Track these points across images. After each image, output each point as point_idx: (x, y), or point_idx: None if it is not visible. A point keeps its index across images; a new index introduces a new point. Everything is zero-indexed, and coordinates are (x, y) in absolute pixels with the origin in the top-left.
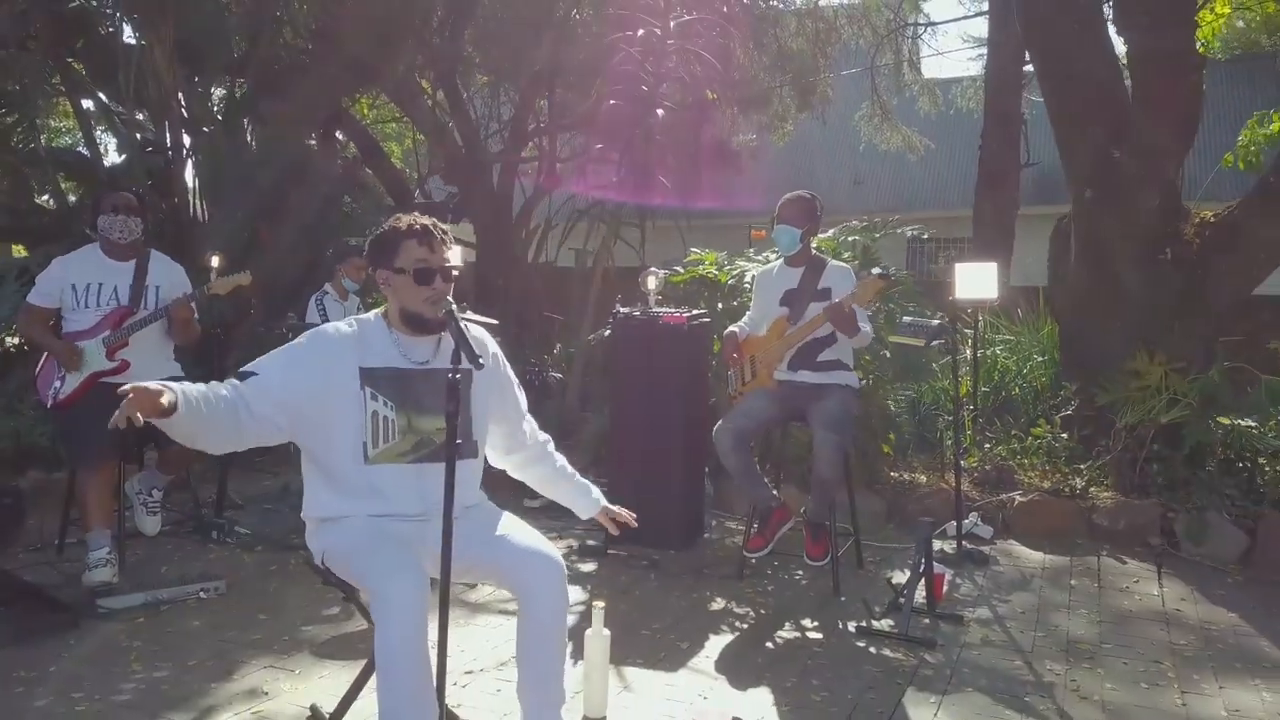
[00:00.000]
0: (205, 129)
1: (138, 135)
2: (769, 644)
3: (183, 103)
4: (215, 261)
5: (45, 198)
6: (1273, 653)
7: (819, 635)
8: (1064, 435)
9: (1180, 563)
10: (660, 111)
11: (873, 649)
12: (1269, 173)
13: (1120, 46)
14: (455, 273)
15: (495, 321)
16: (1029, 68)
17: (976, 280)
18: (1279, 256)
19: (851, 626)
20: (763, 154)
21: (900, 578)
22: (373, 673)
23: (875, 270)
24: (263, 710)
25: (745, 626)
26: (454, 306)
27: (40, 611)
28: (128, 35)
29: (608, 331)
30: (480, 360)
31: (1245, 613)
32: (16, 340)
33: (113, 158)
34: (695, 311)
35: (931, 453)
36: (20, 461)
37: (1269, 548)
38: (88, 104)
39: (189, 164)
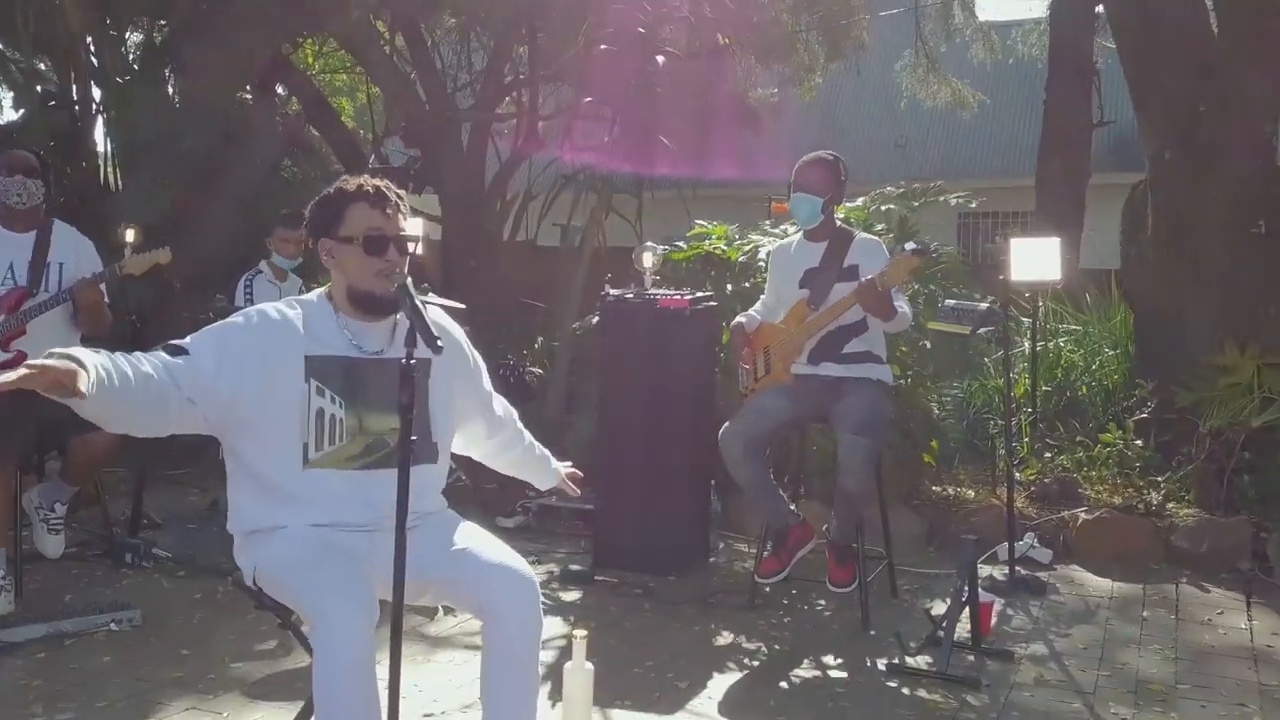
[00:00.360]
0: (119, 80)
1: (38, 88)
2: (783, 684)
3: (92, 49)
4: (130, 236)
5: None
6: None
7: (843, 674)
8: (1138, 442)
9: (1274, 591)
10: (661, 59)
11: (906, 690)
12: None
13: None
14: (412, 245)
15: (462, 306)
16: (1101, 7)
17: (1036, 259)
18: None
19: (881, 664)
20: (786, 111)
21: (940, 608)
22: (311, 714)
23: (910, 245)
24: None
25: (756, 664)
26: (408, 280)
27: None
28: None
29: (596, 319)
30: (439, 343)
31: None
32: None
33: (8, 115)
34: (699, 294)
35: (982, 463)
36: None
37: None
38: None
39: (100, 122)
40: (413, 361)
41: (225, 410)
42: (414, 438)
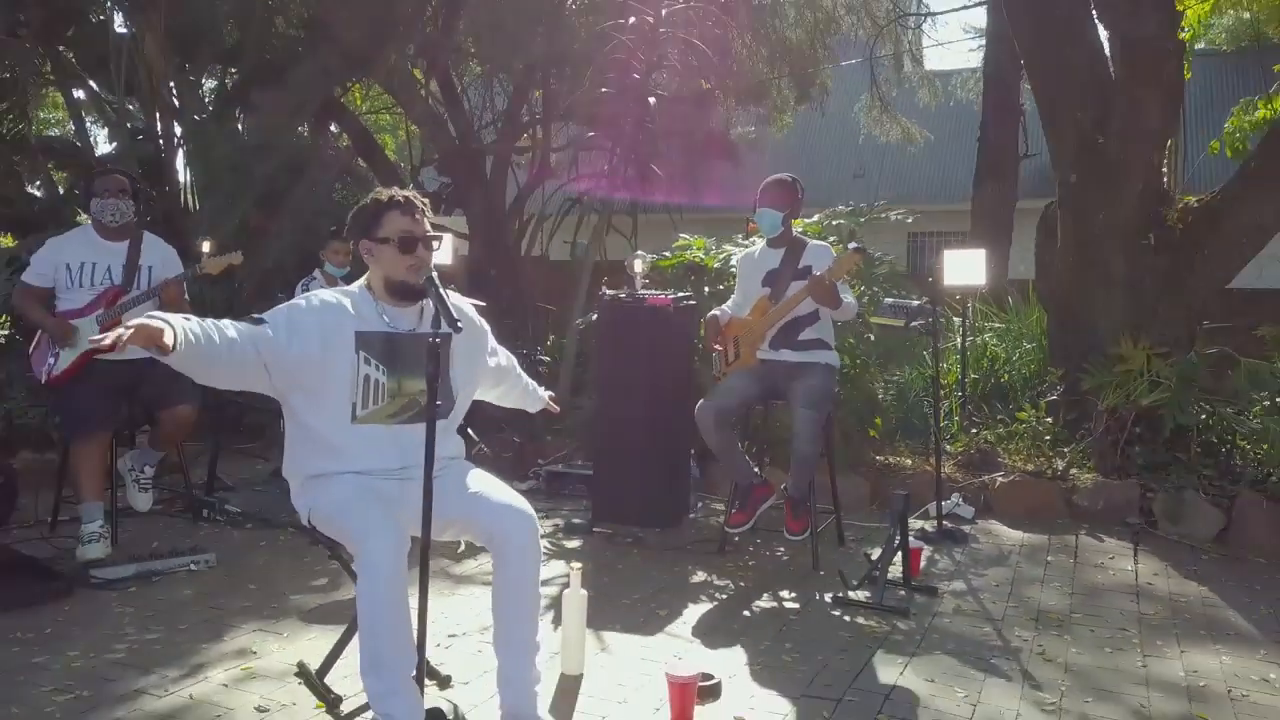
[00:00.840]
0: (196, 117)
1: (128, 124)
2: (746, 612)
3: (174, 92)
4: (207, 247)
5: (35, 186)
6: (1237, 622)
7: (795, 605)
8: (1049, 419)
9: (1157, 541)
10: (652, 100)
11: (847, 617)
12: (1250, 158)
13: (1104, 32)
14: (436, 244)
15: (483, 303)
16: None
17: (965, 267)
18: (1260, 241)
19: (828, 598)
20: (762, 146)
21: (878, 553)
22: (356, 631)
23: (852, 245)
24: (251, 667)
25: (724, 597)
26: (434, 273)
27: (35, 580)
28: (119, 24)
29: (595, 315)
30: (459, 324)
31: (1215, 586)
32: (5, 331)
33: (103, 147)
34: (681, 294)
35: (918, 438)
36: (12, 443)
37: (1244, 526)
38: (78, 93)
39: (180, 154)
40: (438, 339)
41: (290, 374)
42: (439, 402)
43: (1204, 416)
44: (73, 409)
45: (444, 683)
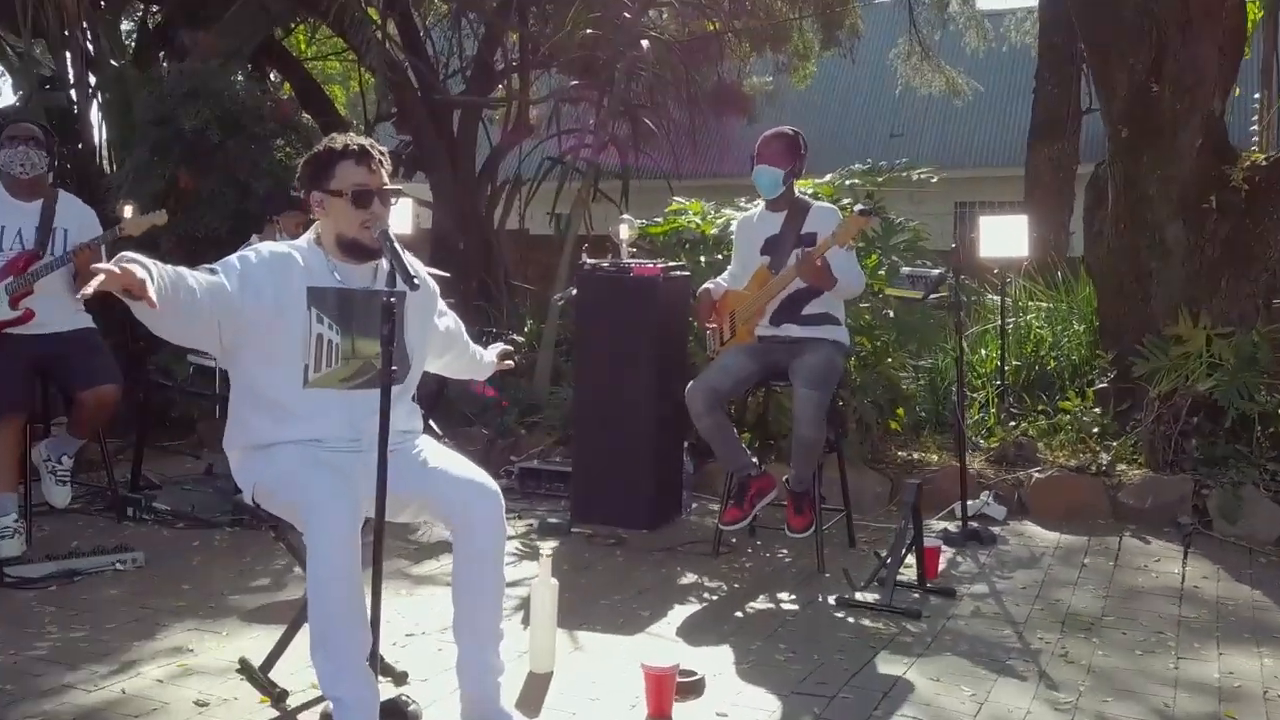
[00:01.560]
0: (114, 63)
1: (36, 72)
2: (738, 614)
3: (88, 34)
4: (128, 212)
5: None
6: None
7: (794, 607)
8: (1096, 410)
9: (1211, 543)
10: (646, 44)
11: (850, 619)
12: None
13: None
14: (394, 199)
15: (447, 274)
16: None
17: (1005, 236)
18: None
19: (831, 599)
20: (781, 100)
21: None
22: (302, 622)
23: (859, 206)
24: (188, 664)
25: (715, 599)
26: (389, 228)
27: None
28: None
29: (574, 290)
30: (415, 280)
31: (1270, 590)
32: None
33: (5, 98)
34: (672, 264)
35: (949, 433)
36: None
37: None
38: None
39: (95, 104)
40: (393, 298)
41: (241, 330)
42: (394, 367)
43: (1274, 405)
44: None
45: (400, 679)
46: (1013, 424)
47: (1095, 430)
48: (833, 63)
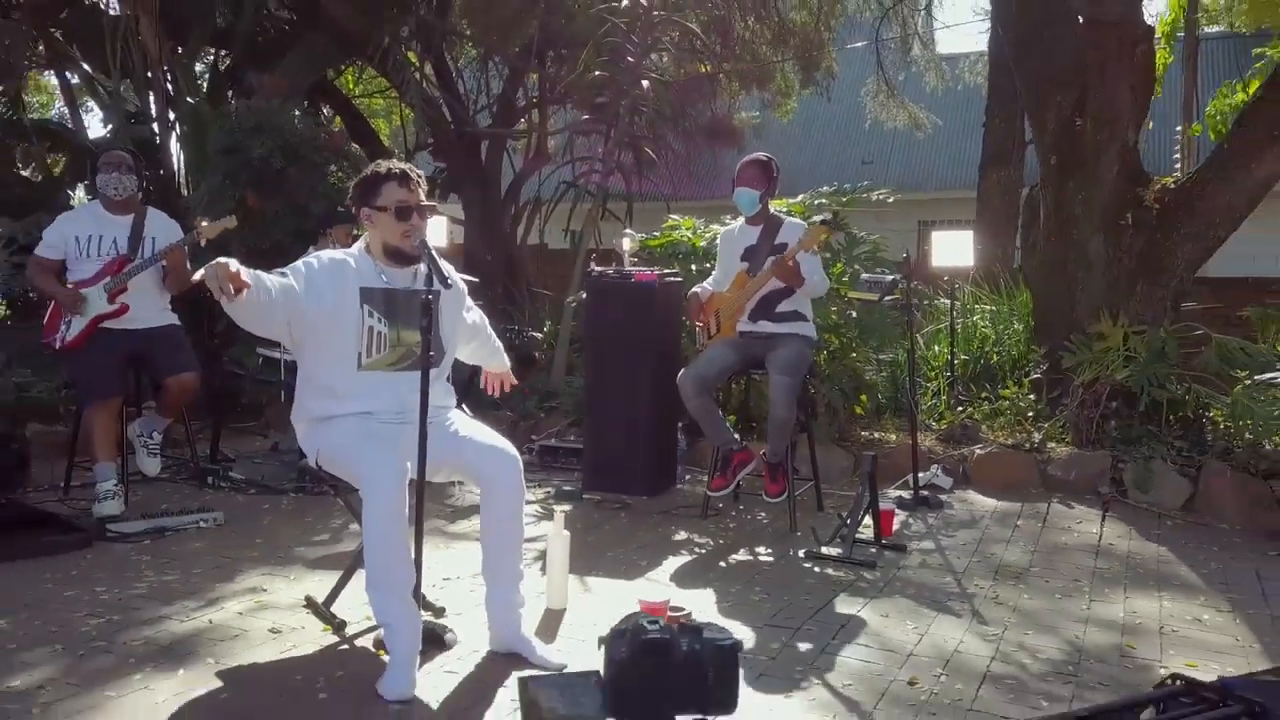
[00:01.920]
0: (190, 100)
1: (122, 107)
2: (721, 564)
3: (167, 75)
4: (205, 225)
5: (30, 169)
6: (1187, 575)
7: (769, 559)
8: (1031, 396)
9: (1127, 509)
10: (646, 84)
11: (816, 569)
12: (1223, 140)
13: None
14: (429, 213)
15: (475, 279)
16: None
17: (953, 248)
18: (1233, 221)
19: (800, 553)
20: (766, 132)
21: None
22: (358, 567)
23: (818, 217)
24: (262, 600)
25: (702, 552)
26: (426, 238)
27: (55, 532)
28: (112, 7)
29: (584, 294)
30: (449, 281)
31: (1174, 547)
32: (4, 311)
33: (96, 130)
34: (667, 272)
35: (905, 416)
36: (21, 415)
37: (1209, 494)
38: (71, 77)
39: (174, 135)
40: (430, 295)
41: (306, 324)
42: (431, 352)
43: (1181, 392)
44: (85, 377)
45: (439, 613)
46: (960, 409)
47: (1030, 414)
48: (811, 100)
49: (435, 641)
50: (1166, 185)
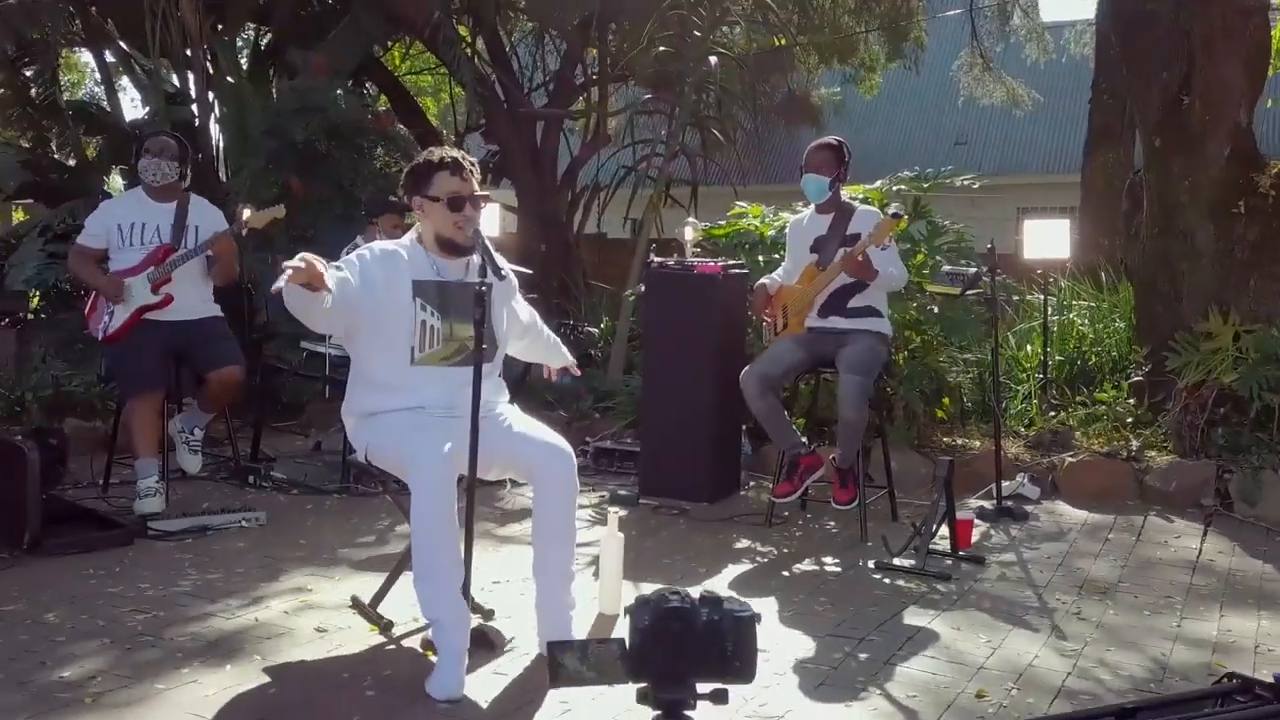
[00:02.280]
0: (230, 79)
1: (161, 88)
2: (785, 573)
3: (207, 54)
4: (246, 213)
5: (65, 152)
6: None
7: (836, 569)
8: (1130, 401)
9: (1231, 523)
10: (714, 59)
11: (887, 580)
12: None
13: None
14: (483, 202)
15: (529, 271)
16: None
17: (1047, 238)
18: None
19: (870, 563)
20: (848, 109)
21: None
22: (404, 567)
23: (891, 209)
24: (308, 600)
25: (764, 561)
26: (479, 228)
27: (96, 529)
28: None
29: (644, 288)
30: (502, 273)
31: None
32: (36, 305)
33: (133, 111)
34: (732, 263)
35: (991, 421)
36: (59, 409)
37: None
38: (108, 56)
39: (213, 117)
40: (484, 287)
41: (360, 320)
42: (484, 346)
43: None
44: (127, 370)
45: (488, 615)
46: (1052, 413)
47: (1129, 420)
48: (898, 74)
49: (484, 644)
50: None
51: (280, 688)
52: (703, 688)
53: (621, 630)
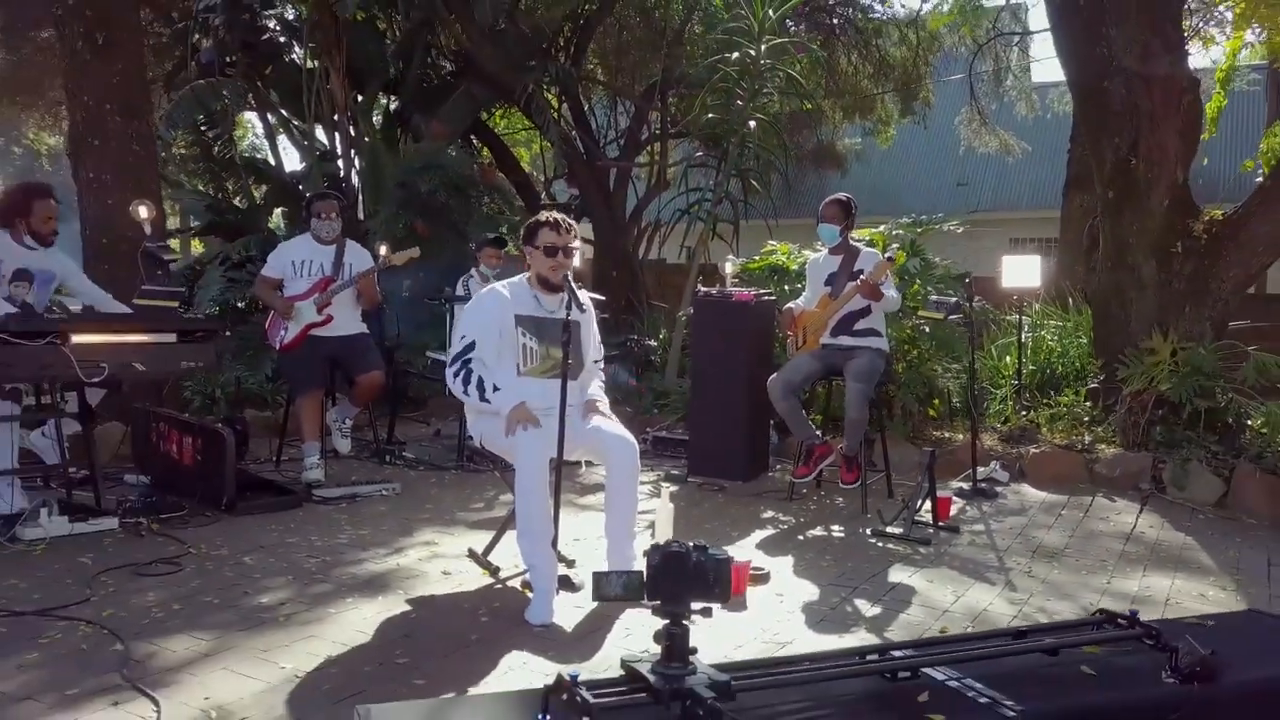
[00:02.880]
0: (367, 139)
1: (314, 147)
2: (800, 537)
3: (350, 118)
4: (384, 250)
5: (239, 198)
6: (1205, 561)
7: (841, 534)
8: (1088, 404)
9: (1164, 504)
10: (753, 123)
11: (879, 544)
12: (1267, 177)
13: None
14: (575, 254)
15: (602, 297)
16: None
17: (1021, 270)
18: (1275, 249)
19: (867, 530)
20: (868, 156)
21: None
22: (508, 527)
23: (885, 254)
24: (435, 550)
25: (785, 527)
26: (569, 273)
27: (275, 494)
28: (307, 62)
29: (692, 310)
30: (583, 308)
31: (1199, 536)
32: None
33: (290, 165)
34: (763, 292)
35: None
36: (240, 401)
37: (1240, 492)
38: (272, 120)
39: (354, 170)
40: (570, 318)
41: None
42: (570, 361)
43: (1223, 402)
44: (297, 373)
45: (570, 563)
46: (1024, 413)
47: (1085, 419)
48: (910, 127)
49: (567, 585)
50: (1215, 217)
51: (418, 613)
52: (695, 605)
53: (642, 565)
